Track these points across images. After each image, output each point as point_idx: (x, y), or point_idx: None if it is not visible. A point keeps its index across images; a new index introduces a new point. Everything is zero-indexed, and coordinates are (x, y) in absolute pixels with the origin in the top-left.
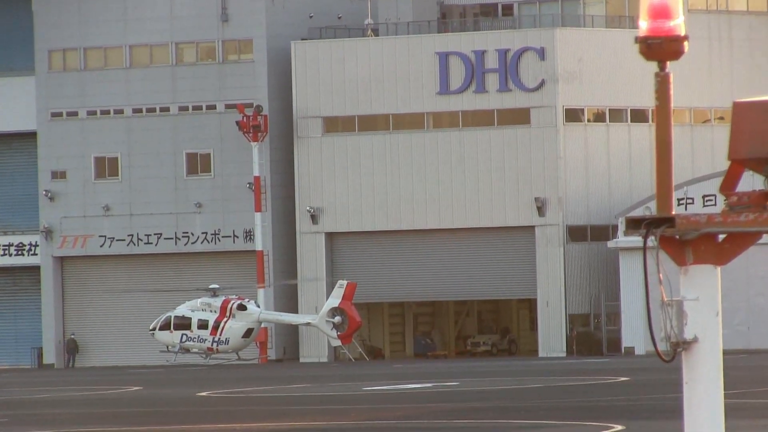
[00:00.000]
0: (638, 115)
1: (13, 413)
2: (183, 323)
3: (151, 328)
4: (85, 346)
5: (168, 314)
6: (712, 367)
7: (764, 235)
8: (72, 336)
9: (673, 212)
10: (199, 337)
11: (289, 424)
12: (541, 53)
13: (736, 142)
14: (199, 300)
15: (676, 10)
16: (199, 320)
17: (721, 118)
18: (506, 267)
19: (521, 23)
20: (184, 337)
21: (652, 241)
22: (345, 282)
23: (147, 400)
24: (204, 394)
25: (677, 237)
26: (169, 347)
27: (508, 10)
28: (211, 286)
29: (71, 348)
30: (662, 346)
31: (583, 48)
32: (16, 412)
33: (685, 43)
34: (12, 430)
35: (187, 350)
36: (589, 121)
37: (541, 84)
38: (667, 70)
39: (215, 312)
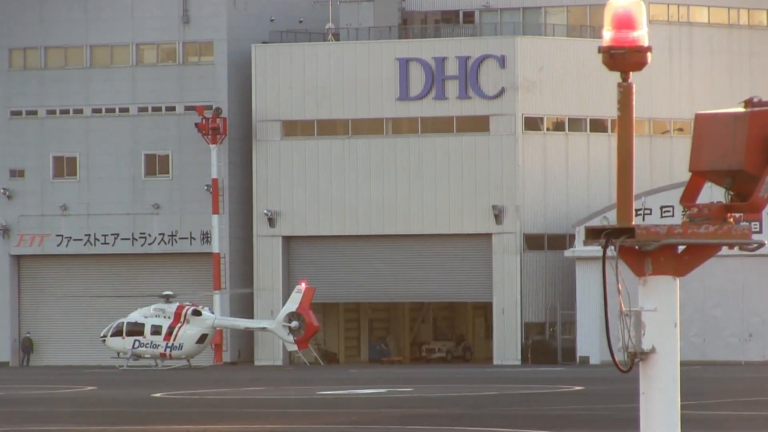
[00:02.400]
0: (597, 125)
1: None
2: (136, 329)
3: (102, 335)
4: (40, 344)
5: (120, 321)
6: (669, 378)
7: (723, 248)
8: (27, 335)
9: (633, 223)
10: (152, 342)
11: (243, 427)
12: (502, 61)
13: (698, 154)
14: (153, 306)
15: (640, 21)
16: (153, 326)
17: (681, 129)
18: (463, 274)
19: (482, 31)
20: (137, 343)
21: (611, 251)
22: (303, 287)
23: (102, 400)
24: (158, 395)
25: (637, 248)
26: (121, 354)
27: (469, 17)
28: (164, 293)
29: (26, 346)
30: (619, 356)
31: (544, 57)
32: None
33: (649, 54)
34: None
35: (139, 356)
36: (548, 129)
37: (501, 92)
38: (629, 81)
39: (169, 318)
